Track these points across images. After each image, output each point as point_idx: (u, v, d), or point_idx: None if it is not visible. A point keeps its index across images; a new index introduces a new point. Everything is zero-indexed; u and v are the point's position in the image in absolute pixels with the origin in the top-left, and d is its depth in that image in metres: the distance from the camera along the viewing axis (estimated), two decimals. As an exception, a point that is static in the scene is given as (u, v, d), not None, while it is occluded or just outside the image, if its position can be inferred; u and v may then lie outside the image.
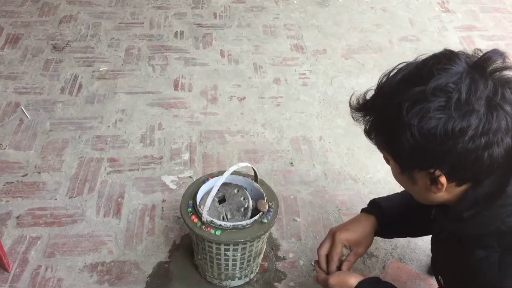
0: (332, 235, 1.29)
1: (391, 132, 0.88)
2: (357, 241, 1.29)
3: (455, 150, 0.82)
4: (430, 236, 1.24)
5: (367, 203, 1.40)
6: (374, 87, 0.96)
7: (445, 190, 0.91)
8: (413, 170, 0.92)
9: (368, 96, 0.97)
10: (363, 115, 0.96)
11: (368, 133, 0.97)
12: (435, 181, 0.89)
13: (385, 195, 1.40)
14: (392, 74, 0.91)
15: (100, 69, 2.54)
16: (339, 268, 1.29)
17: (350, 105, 0.99)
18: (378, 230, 1.33)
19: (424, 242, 1.73)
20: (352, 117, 1.00)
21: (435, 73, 0.82)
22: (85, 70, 2.53)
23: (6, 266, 1.55)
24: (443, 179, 0.87)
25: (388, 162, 1.01)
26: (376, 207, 1.33)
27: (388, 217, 1.31)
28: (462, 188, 0.92)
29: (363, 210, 1.37)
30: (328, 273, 1.28)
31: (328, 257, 1.30)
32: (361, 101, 0.97)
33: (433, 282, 1.60)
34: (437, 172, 0.87)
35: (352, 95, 0.99)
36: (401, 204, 1.31)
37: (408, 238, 1.74)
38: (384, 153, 0.98)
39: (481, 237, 0.93)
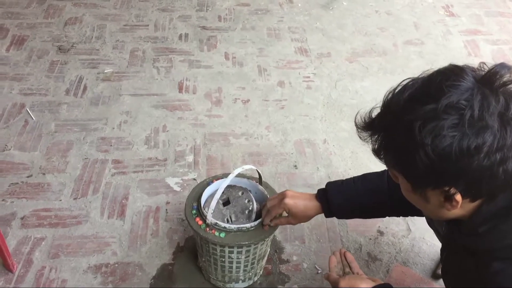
0: (283, 197, 1.34)
1: (403, 151, 0.86)
2: (296, 215, 1.36)
3: (470, 168, 0.80)
4: (434, 238, 1.23)
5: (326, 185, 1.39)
6: (379, 105, 0.93)
7: (459, 207, 0.89)
8: (426, 189, 0.89)
9: (373, 114, 0.94)
10: (371, 135, 0.94)
11: (377, 152, 0.94)
12: (449, 198, 0.87)
13: (340, 181, 1.38)
14: (397, 91, 0.89)
15: (105, 71, 2.55)
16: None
17: (356, 125, 0.96)
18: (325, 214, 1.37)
19: (428, 246, 1.73)
20: (359, 137, 0.97)
21: (445, 90, 0.80)
22: (90, 72, 2.53)
23: (11, 267, 1.56)
24: (458, 197, 0.85)
25: (396, 179, 0.98)
26: (325, 199, 1.34)
27: (334, 210, 1.34)
28: (476, 203, 0.90)
29: (318, 191, 1.37)
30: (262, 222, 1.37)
31: (270, 209, 1.35)
32: (367, 120, 0.94)
33: (437, 286, 1.60)
34: (452, 190, 0.85)
35: (357, 114, 0.96)
36: (351, 194, 1.33)
37: (412, 243, 1.75)
38: (393, 172, 0.96)
39: (498, 250, 0.92)
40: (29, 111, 2.24)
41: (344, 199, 1.33)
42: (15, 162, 1.97)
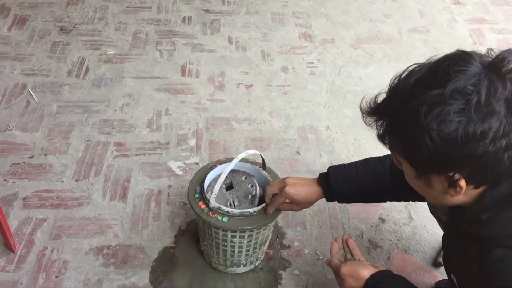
0: (283, 185, 1.32)
1: (408, 136, 0.86)
2: (298, 202, 1.35)
3: (475, 153, 0.80)
4: (435, 226, 1.24)
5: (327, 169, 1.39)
6: (385, 91, 0.93)
7: (463, 193, 0.89)
8: (430, 174, 0.90)
9: (379, 100, 0.94)
10: (376, 120, 0.94)
11: (381, 137, 0.94)
12: (453, 184, 0.87)
13: (342, 165, 1.38)
14: (404, 76, 0.88)
15: (107, 53, 2.53)
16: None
17: (361, 110, 0.96)
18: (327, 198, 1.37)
19: (429, 234, 1.73)
20: (364, 122, 0.97)
21: (452, 75, 0.80)
22: (92, 54, 2.51)
23: (12, 247, 1.56)
24: (462, 183, 0.85)
25: (400, 165, 0.99)
26: (326, 183, 1.34)
27: (333, 193, 1.34)
28: (480, 190, 0.90)
29: (319, 176, 1.37)
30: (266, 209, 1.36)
31: (271, 200, 1.35)
32: (372, 105, 0.94)
33: (437, 274, 1.61)
34: (456, 176, 0.85)
35: (362, 99, 0.96)
36: (352, 177, 1.32)
37: (413, 230, 1.75)
38: (397, 157, 0.96)
39: (500, 237, 0.92)
40: (31, 92, 2.22)
41: (345, 183, 1.32)
42: (17, 142, 1.97)
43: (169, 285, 1.52)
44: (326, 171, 1.37)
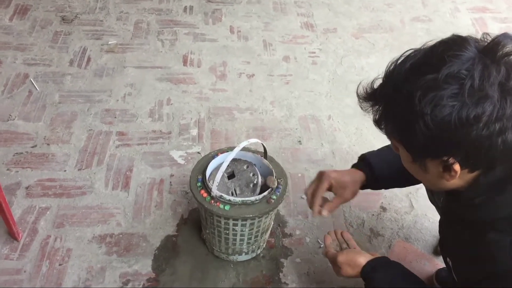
0: (321, 174, 1.31)
1: (403, 121, 0.86)
2: (344, 183, 1.30)
3: (469, 138, 0.80)
4: (436, 214, 1.24)
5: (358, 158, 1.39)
6: (381, 76, 0.93)
7: (458, 177, 0.90)
8: (425, 159, 0.90)
9: (375, 85, 0.94)
10: (372, 105, 0.94)
11: (377, 122, 0.95)
12: (448, 168, 0.88)
13: (374, 150, 1.39)
14: (400, 62, 0.88)
15: (109, 43, 2.53)
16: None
17: (358, 95, 0.97)
18: (365, 185, 1.34)
19: (430, 223, 1.74)
20: (361, 107, 0.97)
21: (446, 60, 0.80)
22: (94, 43, 2.51)
23: (16, 235, 1.57)
24: (456, 167, 0.86)
25: (397, 150, 1.00)
26: (366, 164, 1.33)
27: (377, 174, 1.32)
28: (474, 174, 0.91)
29: (353, 166, 1.37)
30: (312, 210, 1.33)
31: (312, 193, 1.32)
32: (369, 90, 0.95)
33: (438, 262, 1.61)
34: (451, 160, 0.86)
35: (359, 85, 0.97)
36: (390, 160, 1.29)
37: (414, 219, 1.76)
38: (394, 142, 0.97)
39: (494, 221, 0.93)
40: (33, 82, 2.22)
41: (387, 165, 1.30)
42: (19, 132, 1.97)
43: (171, 273, 1.54)
44: (358, 159, 1.37)
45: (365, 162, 1.34)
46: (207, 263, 1.58)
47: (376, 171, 1.32)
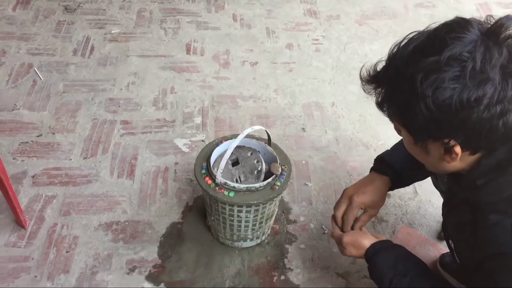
0: (350, 197, 1.31)
1: (405, 104, 0.87)
2: (373, 204, 1.32)
3: (470, 120, 0.81)
4: (440, 200, 1.25)
5: (374, 160, 1.39)
6: (385, 58, 0.93)
7: (459, 159, 0.90)
8: (427, 141, 0.91)
9: (378, 68, 0.95)
10: (375, 87, 0.94)
11: (380, 105, 0.95)
12: (449, 151, 0.89)
13: (387, 149, 1.38)
14: (403, 44, 0.89)
15: (112, 32, 2.53)
16: (352, 227, 1.32)
17: (361, 77, 0.97)
18: (390, 188, 1.34)
19: (434, 208, 1.75)
20: (363, 90, 0.98)
21: (448, 42, 0.81)
22: (97, 32, 2.52)
23: (23, 223, 1.59)
24: (457, 149, 0.87)
25: (400, 133, 1.00)
26: (387, 167, 1.33)
27: (400, 174, 1.32)
28: (476, 156, 0.91)
29: (373, 169, 1.37)
30: (342, 232, 1.30)
31: (344, 218, 1.32)
32: (372, 73, 0.95)
33: (442, 247, 1.62)
34: (452, 142, 0.86)
35: (362, 67, 0.97)
36: (407, 156, 1.30)
37: (418, 205, 1.76)
38: (396, 124, 0.97)
39: (495, 203, 0.94)
40: (37, 71, 2.23)
41: (404, 159, 1.28)
42: (25, 121, 1.98)
43: (177, 259, 1.55)
44: (375, 161, 1.36)
45: (384, 164, 1.34)
46: (212, 250, 1.59)
47: (398, 170, 1.32)
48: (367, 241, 1.21)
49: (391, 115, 0.95)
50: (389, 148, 1.39)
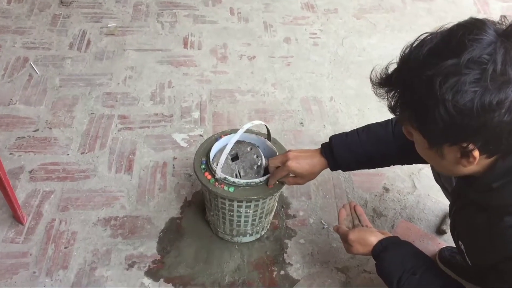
0: (286, 159, 1.31)
1: (421, 108, 0.84)
2: (302, 175, 1.34)
3: (491, 124, 0.79)
4: (439, 194, 1.24)
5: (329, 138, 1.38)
6: (396, 61, 0.90)
7: (475, 163, 0.88)
8: (442, 145, 0.89)
9: (390, 70, 0.92)
10: (387, 91, 0.91)
11: (393, 109, 0.92)
12: (466, 155, 0.86)
13: (344, 133, 1.36)
14: (415, 46, 0.86)
15: (109, 25, 2.51)
16: (354, 224, 1.34)
17: (372, 81, 0.94)
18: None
19: (433, 203, 1.75)
20: (375, 94, 0.95)
21: (467, 44, 0.78)
22: (93, 26, 2.50)
23: (21, 219, 1.58)
24: (476, 153, 0.85)
25: (410, 136, 0.98)
26: (330, 153, 1.33)
27: (340, 165, 1.34)
28: (492, 159, 0.90)
29: (322, 146, 1.36)
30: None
31: (273, 173, 1.35)
32: (383, 76, 0.92)
33: (441, 241, 1.63)
34: (470, 146, 0.84)
35: (372, 70, 0.94)
36: (355, 150, 1.31)
37: (417, 199, 1.77)
38: (409, 128, 0.94)
39: (510, 205, 0.92)
40: (33, 65, 2.21)
41: (350, 152, 1.31)
42: (21, 116, 1.97)
43: (176, 254, 1.55)
44: (328, 141, 1.36)
45: (329, 148, 1.33)
46: (211, 245, 1.59)
47: (339, 162, 1.32)
48: (374, 238, 1.20)
49: (405, 119, 0.92)
50: (347, 131, 1.37)
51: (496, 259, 0.94)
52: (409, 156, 1.27)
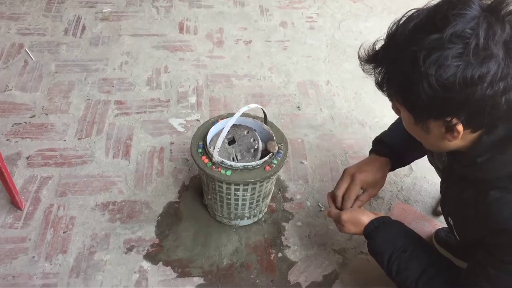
0: (351, 176, 1.31)
1: (406, 83, 0.85)
2: (374, 183, 1.32)
3: (473, 98, 0.80)
4: (435, 176, 1.25)
5: (372, 142, 1.39)
6: (383, 37, 0.91)
7: (460, 138, 0.90)
8: (428, 120, 0.90)
9: (377, 47, 0.92)
10: (374, 67, 0.92)
11: (380, 85, 0.94)
12: (451, 129, 0.88)
13: (385, 130, 1.38)
14: (402, 22, 0.87)
15: (103, 11, 2.49)
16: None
17: (359, 57, 0.95)
18: (390, 168, 1.35)
19: (429, 185, 1.76)
20: (362, 70, 0.95)
21: (451, 19, 0.79)
22: (88, 12, 2.48)
23: (19, 205, 1.58)
24: (459, 127, 0.86)
25: (398, 112, 0.99)
26: (387, 148, 1.33)
27: (400, 155, 1.33)
28: (476, 134, 0.91)
29: (372, 151, 1.37)
30: (341, 210, 1.31)
31: (345, 195, 1.32)
32: (371, 52, 0.93)
33: (437, 223, 1.64)
34: (454, 121, 0.85)
35: (360, 47, 0.95)
36: (405, 136, 1.29)
37: (414, 181, 1.78)
38: (396, 104, 0.96)
39: (495, 179, 0.93)
40: (28, 51, 2.20)
41: (403, 139, 1.29)
42: (17, 102, 1.96)
43: (174, 238, 1.56)
44: (374, 143, 1.36)
45: (383, 145, 1.34)
46: (209, 228, 1.60)
47: (398, 151, 1.32)
48: (366, 218, 1.21)
49: (391, 95, 0.94)
50: (386, 129, 1.39)
51: (483, 232, 0.96)
52: None
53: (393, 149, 1.32)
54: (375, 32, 2.46)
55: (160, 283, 1.43)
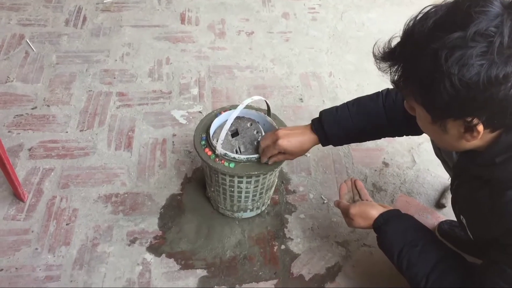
0: (276, 138, 1.29)
1: (426, 82, 0.83)
2: (292, 152, 1.32)
3: (496, 97, 0.78)
4: (438, 169, 1.24)
5: (319, 113, 1.36)
6: (399, 34, 0.89)
7: (479, 138, 0.88)
8: (446, 119, 0.88)
9: (393, 44, 0.90)
10: (390, 65, 0.90)
11: (396, 83, 0.91)
12: (470, 129, 0.86)
13: (334, 107, 1.35)
14: (419, 19, 0.84)
15: (105, 1, 2.47)
16: (354, 199, 1.34)
17: (374, 55, 0.92)
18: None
19: (432, 177, 1.76)
20: (378, 68, 0.93)
21: (474, 16, 0.77)
22: (89, 2, 2.46)
23: (22, 196, 1.58)
24: (480, 127, 0.84)
25: (412, 111, 0.97)
26: (321, 128, 1.31)
27: (330, 140, 1.32)
28: (495, 133, 0.89)
29: (312, 122, 1.35)
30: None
31: (261, 152, 1.33)
32: (387, 50, 0.91)
33: (440, 215, 1.64)
34: (475, 121, 0.83)
35: (375, 44, 0.93)
36: (346, 124, 1.30)
37: (416, 174, 1.77)
38: (411, 103, 0.93)
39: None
40: (29, 42, 2.19)
41: (340, 127, 1.30)
42: (19, 94, 1.95)
43: (177, 230, 1.56)
44: (318, 116, 1.34)
45: (320, 124, 1.32)
46: (212, 221, 1.60)
47: (328, 134, 1.31)
48: (375, 211, 1.20)
49: (409, 93, 0.91)
50: (337, 105, 1.35)
51: (498, 232, 0.94)
52: (400, 129, 1.28)
53: (325, 133, 1.31)
54: (378, 23, 2.44)
55: (163, 275, 1.44)
